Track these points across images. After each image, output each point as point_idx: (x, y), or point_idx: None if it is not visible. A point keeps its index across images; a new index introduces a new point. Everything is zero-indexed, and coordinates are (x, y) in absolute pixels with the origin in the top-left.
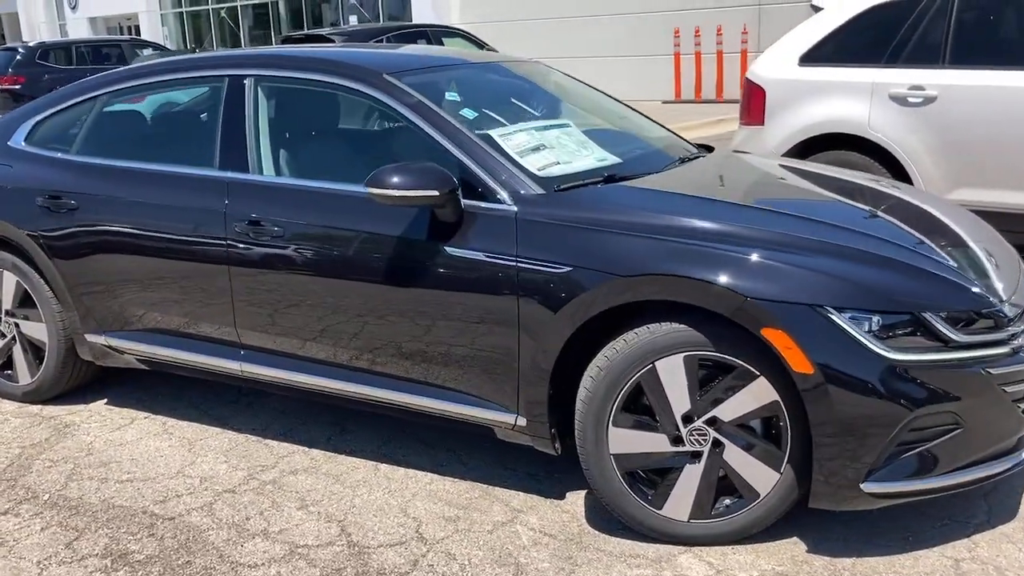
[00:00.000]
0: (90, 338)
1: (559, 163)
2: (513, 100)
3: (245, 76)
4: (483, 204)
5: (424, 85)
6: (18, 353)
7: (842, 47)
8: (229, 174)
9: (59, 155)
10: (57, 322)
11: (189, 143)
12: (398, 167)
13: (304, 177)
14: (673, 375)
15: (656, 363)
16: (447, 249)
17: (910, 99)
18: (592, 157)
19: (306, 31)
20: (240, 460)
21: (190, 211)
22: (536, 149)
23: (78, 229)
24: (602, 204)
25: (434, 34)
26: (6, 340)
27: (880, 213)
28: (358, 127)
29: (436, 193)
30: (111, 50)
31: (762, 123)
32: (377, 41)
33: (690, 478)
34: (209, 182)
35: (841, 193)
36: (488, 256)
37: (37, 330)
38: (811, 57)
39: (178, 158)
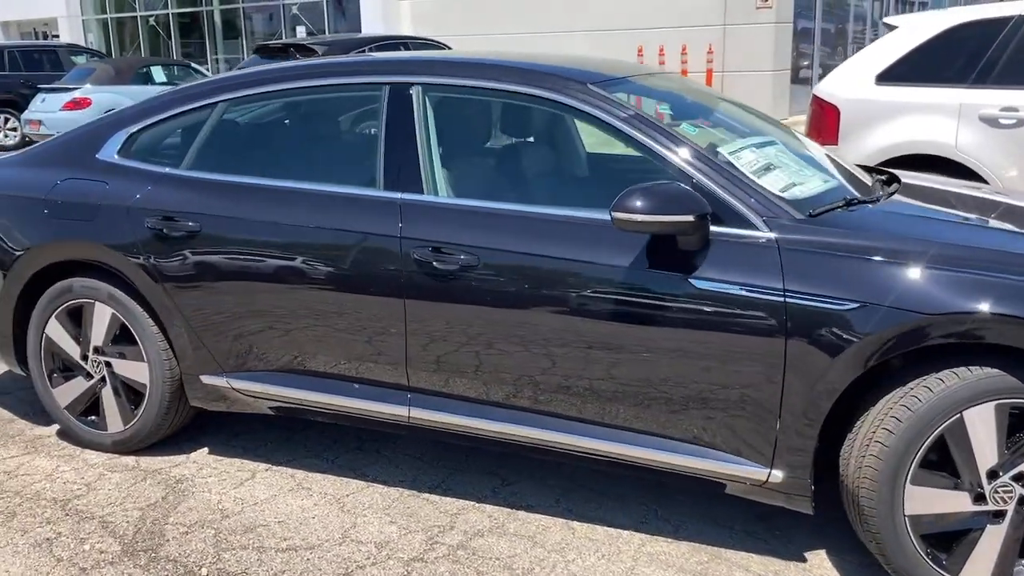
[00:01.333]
0: (207, 380)
1: (795, 184)
2: (717, 115)
3: (411, 84)
4: (733, 231)
5: (631, 97)
6: (107, 396)
7: (924, 66)
8: (400, 194)
9: (167, 170)
10: (163, 361)
11: (336, 158)
12: (644, 190)
13: (493, 199)
14: (982, 426)
15: (964, 413)
16: (692, 281)
17: (1002, 120)
18: (816, 178)
19: (284, 40)
20: (407, 520)
21: (351, 235)
22: (767, 169)
23: (200, 255)
24: (876, 231)
25: (415, 46)
26: (92, 382)
27: None
28: (546, 142)
29: (691, 218)
30: (45, 55)
31: (836, 143)
32: (360, 51)
33: (991, 540)
34: (375, 203)
35: None
36: (746, 290)
37: (135, 370)
38: (889, 76)
39: (321, 175)
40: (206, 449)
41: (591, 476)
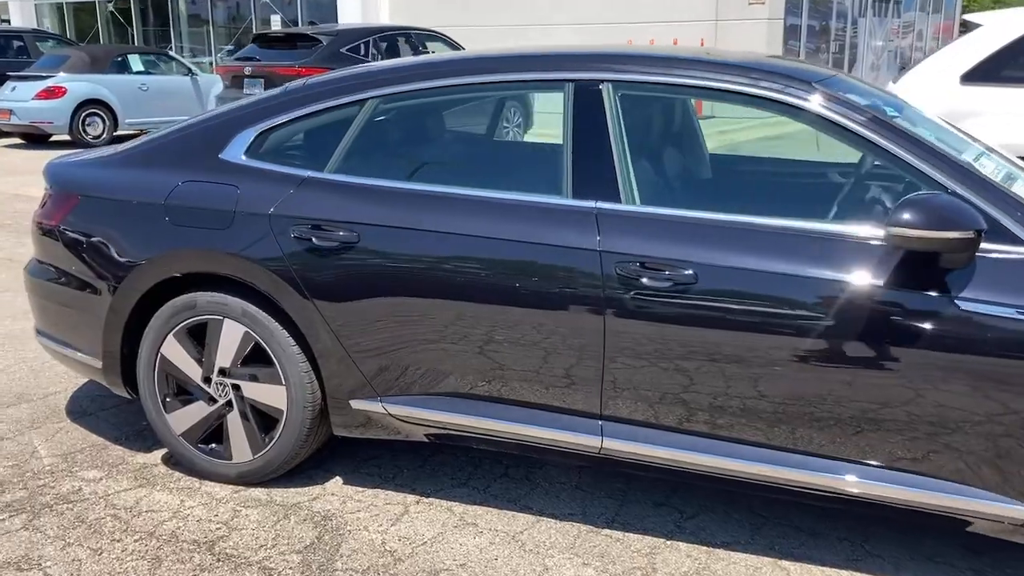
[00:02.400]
0: (357, 405)
1: None
2: (924, 118)
3: (600, 81)
4: (1001, 247)
5: (857, 97)
6: (234, 423)
7: (1014, 66)
8: (595, 203)
9: (311, 173)
10: (304, 384)
11: (509, 162)
12: (919, 203)
13: (704, 209)
14: None
15: None
16: (957, 303)
17: None
18: None
19: (284, 29)
20: (601, 562)
21: (536, 248)
22: (1009, 178)
23: (357, 268)
24: None
25: (418, 37)
26: (215, 407)
27: None
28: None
29: (970, 235)
30: (11, 41)
31: None
32: (355, 45)
33: None
34: (564, 213)
35: None
36: (1022, 313)
37: (269, 394)
38: (976, 76)
39: (494, 181)
40: (339, 479)
41: (770, 506)
